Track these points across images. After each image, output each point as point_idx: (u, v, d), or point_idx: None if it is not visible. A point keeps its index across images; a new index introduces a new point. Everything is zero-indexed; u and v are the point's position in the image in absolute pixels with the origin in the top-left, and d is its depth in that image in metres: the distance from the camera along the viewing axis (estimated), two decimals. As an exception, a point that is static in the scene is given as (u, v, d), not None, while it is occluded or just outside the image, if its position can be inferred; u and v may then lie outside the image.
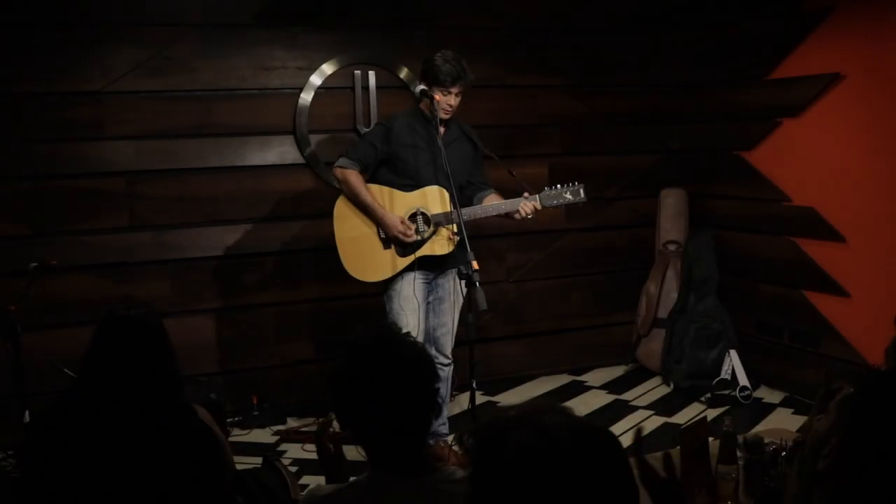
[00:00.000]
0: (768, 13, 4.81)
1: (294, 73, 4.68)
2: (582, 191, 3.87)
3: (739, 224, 5.19)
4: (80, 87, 4.29)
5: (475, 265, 3.39)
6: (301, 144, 4.71)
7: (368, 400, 1.63)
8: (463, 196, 3.87)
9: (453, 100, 3.76)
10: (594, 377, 5.40)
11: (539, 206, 3.82)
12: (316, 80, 4.71)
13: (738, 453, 2.34)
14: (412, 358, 1.68)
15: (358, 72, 4.77)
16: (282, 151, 4.70)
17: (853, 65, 4.34)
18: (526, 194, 3.81)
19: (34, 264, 3.68)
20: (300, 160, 4.73)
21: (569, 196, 3.85)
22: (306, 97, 4.70)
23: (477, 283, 3.34)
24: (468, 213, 3.74)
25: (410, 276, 3.82)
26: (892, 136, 4.20)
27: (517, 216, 3.81)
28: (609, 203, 5.49)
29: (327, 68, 4.73)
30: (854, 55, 4.33)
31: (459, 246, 3.57)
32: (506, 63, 5.08)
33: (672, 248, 5.41)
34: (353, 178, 3.78)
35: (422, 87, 3.75)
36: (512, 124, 5.15)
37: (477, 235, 4.33)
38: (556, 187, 3.86)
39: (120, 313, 2.22)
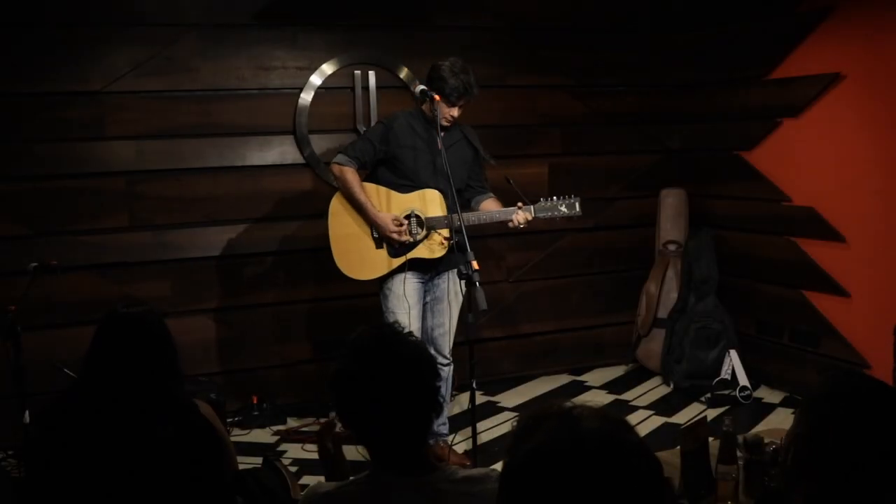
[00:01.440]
0: (768, 13, 4.81)
1: (294, 73, 4.68)
2: (577, 205, 3.86)
3: (739, 224, 5.19)
4: (80, 87, 4.29)
5: (475, 265, 3.39)
6: (301, 144, 4.71)
7: (369, 399, 1.64)
8: (461, 199, 3.87)
9: (456, 111, 3.75)
10: (594, 377, 5.40)
11: (531, 217, 3.82)
12: (316, 80, 4.71)
13: (738, 453, 2.34)
14: (413, 357, 1.69)
15: (358, 72, 4.77)
16: (282, 151, 4.70)
17: (853, 65, 4.34)
18: (520, 204, 3.81)
19: (34, 264, 3.68)
20: (300, 160, 4.73)
21: (563, 209, 3.85)
22: (306, 97, 4.70)
23: (477, 283, 3.34)
24: (464, 219, 3.72)
25: (404, 276, 3.82)
26: (892, 136, 4.20)
27: (510, 224, 3.82)
28: (609, 203, 5.49)
29: (327, 68, 4.73)
30: (854, 55, 4.32)
31: (458, 248, 3.56)
32: (506, 63, 5.08)
33: (672, 248, 5.41)
34: (350, 175, 3.78)
35: (422, 87, 3.74)
36: (512, 124, 5.15)
37: (476, 235, 4.32)
38: (552, 199, 3.86)
39: (121, 311, 2.22)
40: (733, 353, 4.91)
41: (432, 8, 4.91)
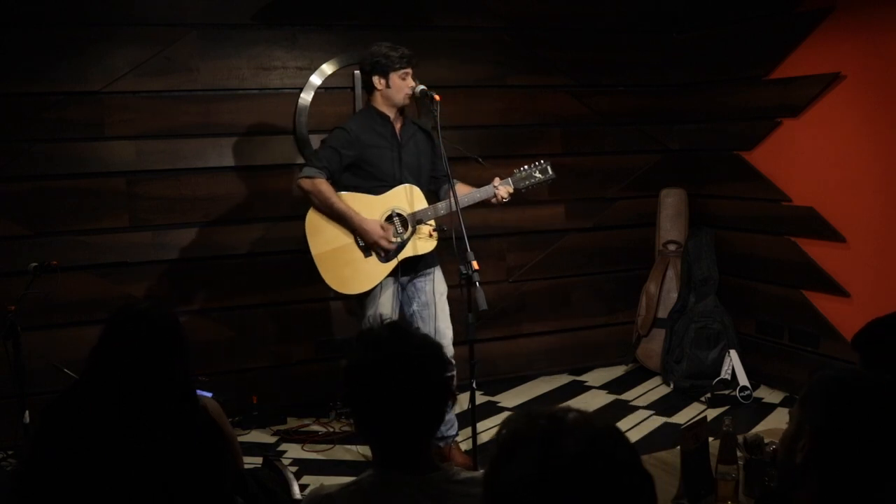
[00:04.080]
0: (768, 13, 4.81)
1: (294, 73, 4.69)
2: (549, 168, 3.92)
3: (739, 224, 5.19)
4: (80, 87, 4.29)
5: (475, 265, 3.39)
6: (301, 144, 4.71)
7: (380, 390, 1.64)
8: (428, 191, 3.87)
9: (411, 80, 3.77)
10: (594, 377, 5.40)
11: (511, 189, 3.85)
12: (316, 80, 4.71)
13: (738, 453, 2.34)
14: (422, 347, 1.69)
15: (358, 72, 4.77)
16: (282, 151, 4.70)
17: (853, 65, 4.34)
18: (498, 178, 3.85)
19: (34, 264, 3.69)
20: (300, 160, 4.72)
21: (538, 175, 3.91)
22: (306, 97, 4.70)
23: (477, 283, 3.33)
24: (446, 206, 3.73)
25: (388, 284, 3.77)
26: (892, 136, 4.20)
27: (494, 201, 3.85)
28: (609, 203, 5.49)
29: (327, 68, 4.73)
30: (854, 55, 4.32)
31: (457, 240, 3.53)
32: (506, 63, 5.09)
33: (672, 248, 5.41)
34: (323, 186, 3.67)
35: (422, 87, 3.74)
36: (512, 124, 5.15)
37: (477, 235, 4.33)
38: (523, 169, 3.90)
39: (133, 307, 2.21)
40: (733, 353, 4.91)
41: (432, 8, 4.91)
